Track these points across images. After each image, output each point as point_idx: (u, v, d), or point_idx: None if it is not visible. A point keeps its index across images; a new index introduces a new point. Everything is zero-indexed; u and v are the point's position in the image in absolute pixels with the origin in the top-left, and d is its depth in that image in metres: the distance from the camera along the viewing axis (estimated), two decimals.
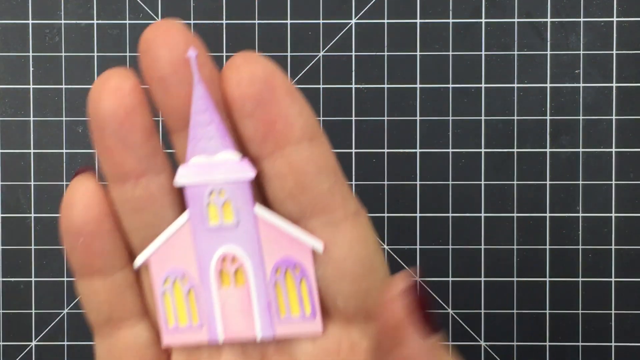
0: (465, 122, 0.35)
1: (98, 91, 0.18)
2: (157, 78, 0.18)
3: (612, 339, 0.35)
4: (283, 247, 0.19)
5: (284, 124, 0.18)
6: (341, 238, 0.18)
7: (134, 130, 0.18)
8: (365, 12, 0.35)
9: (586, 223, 0.35)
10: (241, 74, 0.18)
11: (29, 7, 0.35)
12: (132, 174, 0.18)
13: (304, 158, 0.18)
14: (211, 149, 0.18)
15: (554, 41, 0.35)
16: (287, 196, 0.18)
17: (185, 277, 0.19)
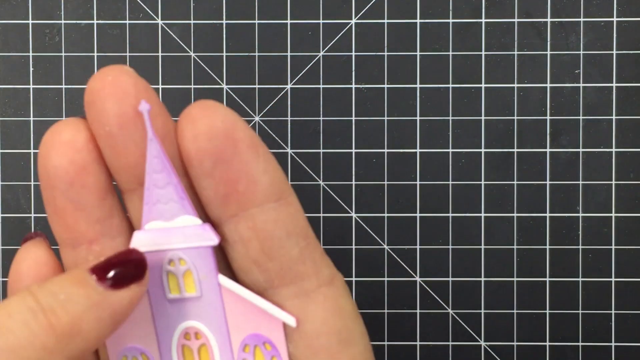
0: (465, 122, 0.35)
1: (49, 145, 0.16)
2: (104, 134, 0.16)
3: (612, 339, 0.35)
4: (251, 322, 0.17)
5: (247, 183, 0.16)
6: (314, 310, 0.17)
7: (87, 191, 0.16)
8: (365, 12, 0.35)
9: (586, 223, 0.35)
10: (198, 127, 0.16)
11: (29, 7, 0.35)
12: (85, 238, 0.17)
13: (270, 221, 0.16)
14: (169, 213, 0.16)
15: (554, 41, 0.35)
16: (253, 264, 0.17)
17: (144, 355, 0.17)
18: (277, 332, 0.17)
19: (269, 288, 0.17)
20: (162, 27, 0.35)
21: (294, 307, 0.17)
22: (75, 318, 0.15)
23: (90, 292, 0.15)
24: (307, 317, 0.17)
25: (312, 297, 0.17)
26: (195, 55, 0.35)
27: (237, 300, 0.17)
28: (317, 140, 0.35)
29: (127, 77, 0.16)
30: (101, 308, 0.15)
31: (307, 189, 0.35)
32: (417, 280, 0.35)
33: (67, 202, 0.16)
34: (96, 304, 0.15)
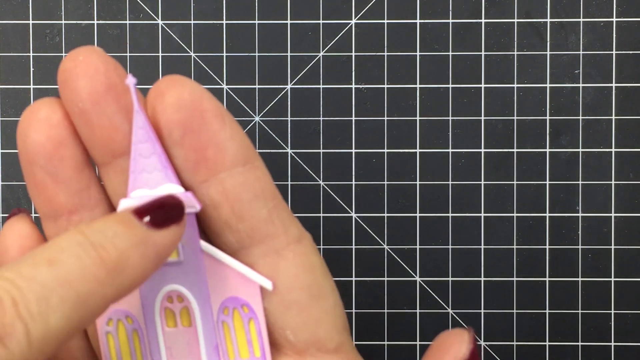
0: (465, 122, 0.35)
1: (26, 123, 0.17)
2: (77, 111, 0.17)
3: (611, 338, 0.35)
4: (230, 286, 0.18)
5: (215, 150, 0.17)
6: (285, 267, 0.18)
7: (65, 164, 0.17)
8: (365, 12, 0.35)
9: (586, 223, 0.35)
10: (167, 99, 0.17)
11: (29, 7, 0.35)
12: (64, 209, 0.17)
13: (238, 184, 0.17)
14: (153, 181, 0.17)
15: (553, 41, 0.35)
16: (224, 226, 0.17)
17: (129, 318, 0.18)
18: (254, 295, 0.18)
19: (241, 249, 0.18)
20: (162, 27, 0.35)
21: (266, 266, 0.18)
22: (123, 253, 0.16)
23: (135, 231, 0.16)
24: (279, 273, 0.18)
25: (282, 255, 0.18)
26: (195, 55, 0.35)
27: (217, 265, 0.18)
28: (317, 140, 0.35)
29: (97, 56, 0.17)
30: (145, 245, 0.16)
31: (307, 189, 0.35)
32: (417, 280, 0.35)
33: (46, 175, 0.17)
34: (141, 241, 0.16)
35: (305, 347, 0.18)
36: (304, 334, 0.18)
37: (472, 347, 0.16)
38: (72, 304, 0.15)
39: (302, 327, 0.18)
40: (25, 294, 0.14)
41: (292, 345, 0.18)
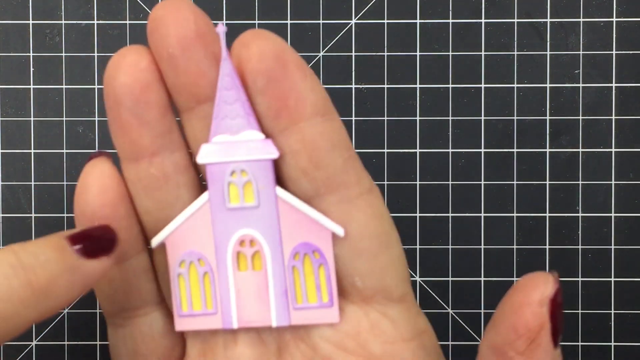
0: (465, 122, 0.35)
1: (115, 67, 0.18)
2: (166, 56, 0.17)
3: (611, 338, 0.35)
4: (303, 231, 0.18)
5: (296, 100, 0.17)
6: (357, 215, 0.18)
7: (150, 107, 0.18)
8: (365, 12, 0.35)
9: (586, 223, 0.35)
10: (251, 50, 0.17)
11: (29, 7, 0.35)
12: (147, 151, 0.18)
13: (317, 134, 0.18)
14: (235, 127, 0.18)
15: (553, 41, 0.35)
16: (302, 173, 0.18)
17: (202, 260, 0.19)
18: (325, 241, 0.18)
19: (316, 196, 0.18)
20: None
21: (339, 213, 0.18)
22: (51, 278, 0.16)
23: (66, 257, 0.17)
24: (351, 221, 0.18)
25: (355, 204, 0.18)
26: None
27: (291, 211, 0.18)
28: None
29: (187, 5, 0.17)
30: (74, 273, 0.17)
31: None
32: (417, 280, 0.35)
33: (132, 117, 0.18)
34: (70, 268, 0.17)
35: (372, 294, 0.19)
36: (372, 281, 0.18)
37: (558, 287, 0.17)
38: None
39: (370, 273, 0.18)
40: None
41: (359, 291, 0.19)
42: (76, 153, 0.35)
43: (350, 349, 0.19)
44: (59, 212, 0.35)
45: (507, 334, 0.17)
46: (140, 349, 0.20)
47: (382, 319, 0.19)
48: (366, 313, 0.19)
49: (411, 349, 0.19)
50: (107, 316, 0.20)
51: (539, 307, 0.16)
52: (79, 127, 0.35)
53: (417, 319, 0.19)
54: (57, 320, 0.35)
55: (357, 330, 0.19)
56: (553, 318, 0.17)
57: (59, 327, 0.35)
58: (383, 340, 0.19)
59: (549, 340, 0.17)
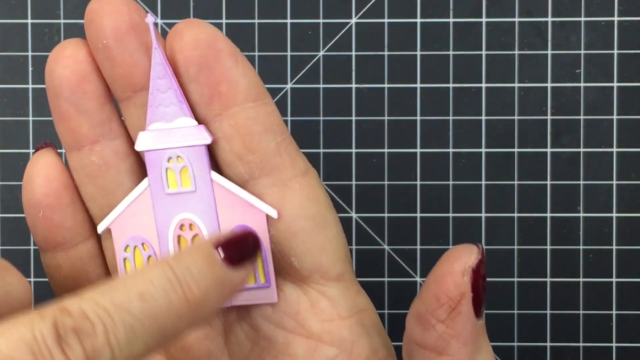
0: (465, 122, 0.35)
1: (54, 60, 0.19)
2: (101, 47, 0.18)
3: (613, 339, 0.35)
4: (238, 214, 0.19)
5: (228, 86, 0.18)
6: (291, 197, 0.19)
7: (88, 97, 0.19)
8: (365, 12, 0.35)
9: (587, 223, 0.35)
10: (184, 38, 0.18)
11: (28, 7, 0.35)
12: (87, 139, 0.19)
13: (250, 118, 0.18)
14: (169, 115, 0.19)
15: (554, 41, 0.35)
16: (236, 158, 0.19)
17: (145, 244, 0.20)
18: (260, 223, 0.19)
19: (251, 179, 0.19)
20: (162, 27, 0.35)
21: (273, 195, 0.19)
22: (205, 293, 0.17)
23: (216, 270, 0.17)
24: (286, 202, 0.19)
25: (289, 186, 0.19)
26: None
27: (227, 195, 0.19)
28: (317, 140, 0.35)
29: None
30: (224, 285, 0.17)
31: None
32: (417, 280, 0.35)
33: (70, 107, 0.19)
34: (220, 281, 0.17)
35: (309, 274, 0.19)
36: (308, 261, 0.19)
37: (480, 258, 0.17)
38: (154, 335, 0.16)
39: (306, 253, 0.19)
40: (116, 323, 0.15)
41: (296, 271, 0.19)
42: None
43: (290, 327, 0.19)
44: None
45: (429, 303, 0.17)
46: None
47: (321, 297, 0.19)
48: (305, 292, 0.20)
49: (349, 326, 0.19)
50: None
51: (461, 277, 0.17)
52: None
53: (357, 298, 0.20)
54: None
55: (296, 309, 0.19)
56: (475, 287, 0.17)
57: None
58: (321, 318, 0.19)
59: (470, 309, 0.17)
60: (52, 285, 0.21)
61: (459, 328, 0.17)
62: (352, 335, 0.19)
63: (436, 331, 0.17)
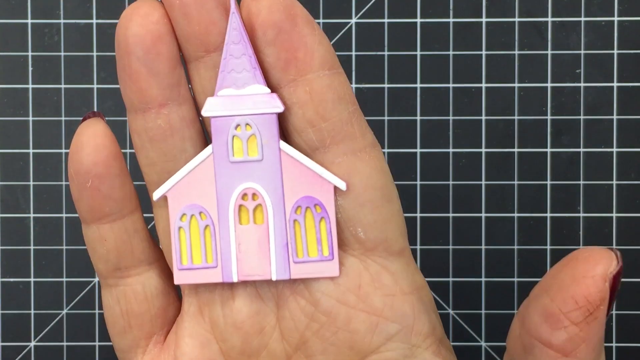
0: (465, 122, 0.35)
1: (127, 18, 0.18)
2: (178, 4, 0.18)
3: (613, 339, 0.35)
4: (305, 186, 0.19)
5: (305, 52, 0.18)
6: (361, 167, 0.19)
7: (160, 58, 0.18)
8: (365, 11, 0.35)
9: (587, 223, 0.35)
10: (262, 2, 0.18)
11: (28, 7, 0.35)
12: (155, 102, 0.18)
13: (325, 86, 0.18)
14: (241, 81, 0.18)
15: (554, 41, 0.35)
16: (308, 124, 0.18)
17: (203, 214, 0.19)
18: (328, 195, 0.19)
19: (321, 147, 0.19)
20: None
21: (344, 164, 0.18)
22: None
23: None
24: (356, 173, 0.19)
25: (359, 156, 0.19)
26: None
27: (294, 165, 0.19)
28: None
29: None
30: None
31: None
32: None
33: (142, 67, 0.18)
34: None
35: (374, 246, 0.19)
36: (374, 232, 0.19)
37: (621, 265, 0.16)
38: None
39: (373, 225, 0.19)
40: None
41: (361, 243, 0.19)
42: None
43: (352, 302, 0.19)
44: (57, 212, 0.35)
45: (564, 303, 0.17)
46: (133, 309, 0.20)
47: (383, 271, 0.19)
48: (366, 266, 0.19)
49: (410, 302, 0.19)
50: (100, 277, 0.20)
51: (602, 282, 0.16)
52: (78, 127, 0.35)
53: (415, 274, 0.20)
54: (56, 321, 0.35)
55: (357, 284, 0.19)
56: (612, 294, 0.16)
57: (57, 327, 0.35)
58: (384, 292, 0.19)
59: (604, 315, 0.16)
60: (93, 258, 0.20)
61: (591, 333, 0.16)
62: (413, 311, 0.19)
63: (567, 332, 0.16)
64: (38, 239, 0.35)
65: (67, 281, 0.35)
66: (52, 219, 0.35)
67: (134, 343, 0.20)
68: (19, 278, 0.35)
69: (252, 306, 0.19)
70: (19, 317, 0.35)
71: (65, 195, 0.35)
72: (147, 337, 0.20)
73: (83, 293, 0.35)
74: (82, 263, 0.35)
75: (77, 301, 0.35)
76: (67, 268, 0.35)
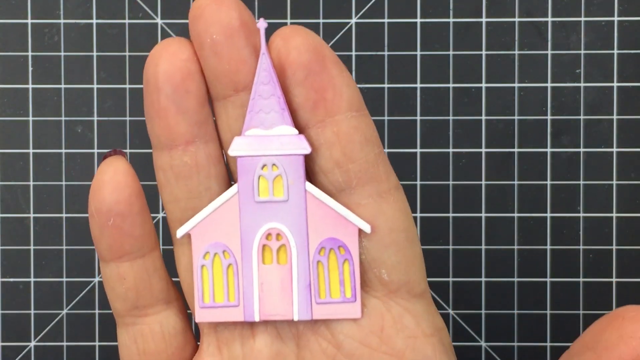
0: (465, 122, 0.35)
1: (157, 55, 0.18)
2: (210, 42, 0.18)
3: None
4: (329, 227, 0.19)
5: (334, 93, 0.18)
6: (386, 209, 0.19)
7: (189, 96, 0.18)
8: (365, 11, 0.35)
9: (587, 223, 0.35)
10: (292, 42, 0.18)
11: (28, 7, 0.35)
12: (182, 139, 0.19)
13: (352, 128, 0.18)
14: (269, 122, 0.18)
15: (554, 41, 0.35)
16: (335, 165, 0.18)
17: (226, 252, 0.19)
18: (352, 237, 0.19)
19: (347, 188, 0.19)
20: (162, 27, 0.35)
21: (369, 206, 0.19)
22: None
23: None
24: (381, 214, 0.19)
25: (385, 198, 0.19)
26: None
27: (319, 206, 0.19)
28: None
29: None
30: None
31: None
32: None
33: (170, 104, 0.18)
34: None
35: (397, 288, 0.19)
36: (398, 274, 0.19)
37: None
38: None
39: (396, 266, 0.19)
40: None
41: (384, 285, 0.19)
42: (75, 153, 0.35)
43: (374, 345, 0.19)
44: (57, 212, 0.35)
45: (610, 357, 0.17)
46: (150, 348, 0.20)
47: (405, 313, 0.19)
48: (389, 308, 0.19)
49: (432, 344, 0.19)
50: (117, 316, 0.20)
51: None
52: (78, 126, 0.35)
53: (435, 317, 0.20)
54: (56, 321, 0.35)
55: (380, 326, 0.19)
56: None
57: (57, 327, 0.35)
58: (406, 335, 0.19)
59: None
60: (110, 296, 0.20)
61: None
62: (435, 353, 0.19)
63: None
64: (38, 239, 0.35)
65: (67, 281, 0.35)
66: (52, 219, 0.35)
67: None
68: (19, 278, 0.35)
69: (272, 347, 0.19)
70: (19, 317, 0.35)
71: (65, 195, 0.35)
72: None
73: (83, 293, 0.35)
74: (82, 263, 0.35)
75: (77, 301, 0.35)
76: (67, 268, 0.35)
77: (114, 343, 0.35)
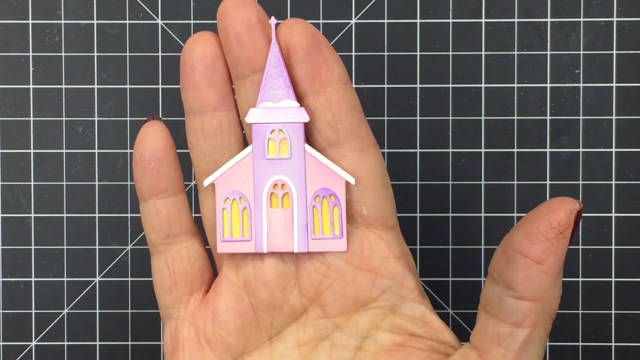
0: (465, 122, 0.35)
1: (193, 42, 0.24)
2: (234, 33, 0.23)
3: (612, 339, 0.35)
4: (323, 179, 0.24)
5: (327, 70, 0.23)
6: (366, 160, 0.24)
7: (217, 73, 0.24)
8: (365, 12, 0.35)
9: (586, 223, 0.35)
10: (295, 30, 0.23)
11: (29, 7, 0.35)
12: (211, 106, 0.24)
13: (340, 97, 0.23)
14: (277, 96, 0.23)
15: (554, 41, 0.35)
16: (327, 125, 0.24)
17: (242, 198, 0.24)
18: (340, 187, 0.24)
19: (336, 143, 0.24)
20: (162, 27, 0.35)
21: (352, 157, 0.24)
22: None
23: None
24: (362, 164, 0.24)
25: (365, 152, 0.24)
26: None
27: (315, 163, 0.24)
28: None
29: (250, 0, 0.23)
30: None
31: None
32: None
33: (202, 78, 0.24)
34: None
35: (374, 221, 0.24)
36: (374, 210, 0.24)
37: (582, 208, 0.22)
38: None
39: (373, 204, 0.24)
40: None
41: (364, 219, 0.24)
42: (75, 153, 0.35)
43: (356, 263, 0.24)
44: (58, 212, 0.35)
45: (541, 225, 0.22)
46: (179, 269, 0.25)
47: (380, 240, 0.24)
48: (367, 236, 0.24)
49: (401, 265, 0.24)
50: (152, 246, 0.25)
51: (570, 213, 0.21)
52: (79, 127, 0.35)
53: (403, 245, 0.25)
54: (56, 321, 0.35)
55: (361, 249, 0.24)
56: (575, 224, 0.22)
57: (58, 327, 0.35)
58: (380, 256, 0.24)
59: (569, 237, 0.22)
60: (147, 229, 0.25)
61: (559, 248, 0.22)
62: (403, 271, 0.24)
63: (542, 246, 0.22)
64: (39, 239, 0.35)
65: (68, 281, 0.35)
66: (53, 218, 0.35)
67: (177, 299, 0.25)
68: (20, 278, 0.35)
69: (277, 268, 0.24)
70: (20, 316, 0.35)
71: (66, 195, 0.35)
72: (189, 294, 0.25)
73: (84, 292, 0.35)
74: (82, 263, 0.35)
75: (77, 301, 0.35)
76: (68, 268, 0.35)
77: (115, 343, 0.35)
